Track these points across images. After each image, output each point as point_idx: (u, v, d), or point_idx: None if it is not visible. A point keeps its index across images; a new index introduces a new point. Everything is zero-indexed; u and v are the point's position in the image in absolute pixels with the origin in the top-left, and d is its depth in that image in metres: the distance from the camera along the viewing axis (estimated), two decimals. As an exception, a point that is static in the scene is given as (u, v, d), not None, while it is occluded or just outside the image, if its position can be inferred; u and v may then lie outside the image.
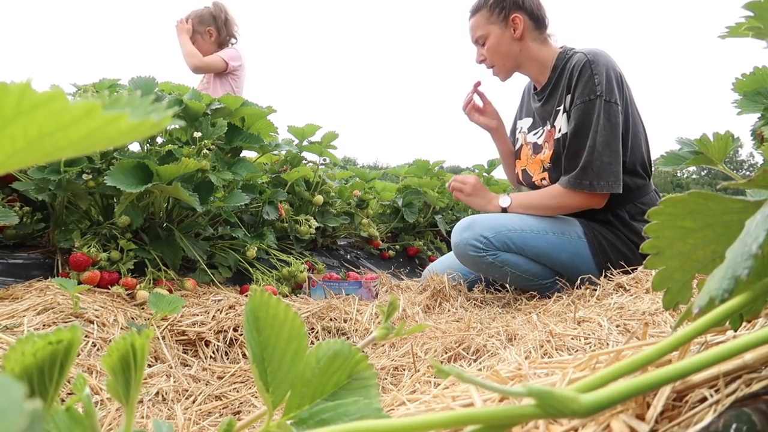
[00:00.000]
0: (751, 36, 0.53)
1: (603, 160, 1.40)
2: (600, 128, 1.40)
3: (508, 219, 1.49)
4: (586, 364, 0.44)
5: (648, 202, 1.51)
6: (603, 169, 1.40)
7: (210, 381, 0.88)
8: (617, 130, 1.41)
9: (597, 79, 1.40)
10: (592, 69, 1.41)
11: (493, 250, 1.46)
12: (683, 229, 0.37)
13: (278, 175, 1.85)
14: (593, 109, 1.41)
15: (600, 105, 1.40)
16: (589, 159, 1.41)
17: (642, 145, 1.51)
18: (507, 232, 1.46)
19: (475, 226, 1.47)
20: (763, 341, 0.28)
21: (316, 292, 1.54)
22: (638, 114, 1.53)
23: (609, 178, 1.40)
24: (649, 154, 1.54)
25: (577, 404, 0.25)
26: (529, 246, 1.47)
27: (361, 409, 0.33)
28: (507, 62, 1.56)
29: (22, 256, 1.28)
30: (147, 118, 0.18)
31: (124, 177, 1.17)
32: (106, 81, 1.49)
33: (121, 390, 0.29)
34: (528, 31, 1.52)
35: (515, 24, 1.51)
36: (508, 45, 1.53)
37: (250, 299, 0.34)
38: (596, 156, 1.40)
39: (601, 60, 1.43)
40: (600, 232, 1.49)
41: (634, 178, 1.50)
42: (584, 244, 1.48)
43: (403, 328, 0.42)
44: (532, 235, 1.47)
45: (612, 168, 1.40)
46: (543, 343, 0.83)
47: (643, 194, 1.52)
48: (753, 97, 0.80)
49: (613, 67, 1.45)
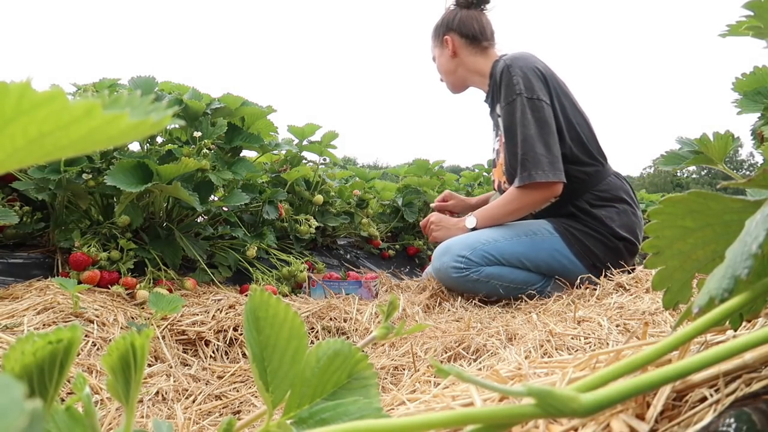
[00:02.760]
0: (751, 35, 0.53)
1: (536, 151, 1.45)
2: (527, 123, 1.46)
3: (481, 234, 1.53)
4: (586, 363, 0.44)
5: (606, 188, 1.55)
6: (538, 160, 1.45)
7: (210, 380, 0.88)
8: (546, 123, 1.47)
9: (515, 80, 1.48)
10: (510, 72, 1.50)
11: (474, 266, 1.49)
12: (683, 228, 0.37)
13: (278, 174, 1.85)
14: (516, 107, 1.48)
15: (522, 102, 1.47)
16: (524, 153, 1.46)
17: (584, 135, 1.55)
18: (483, 246, 1.50)
19: (452, 249, 1.51)
20: (763, 341, 0.28)
21: (316, 291, 1.54)
22: (577, 105, 1.59)
23: (545, 168, 1.45)
24: (596, 142, 1.58)
25: (577, 404, 0.25)
26: (507, 253, 1.50)
27: (361, 409, 0.33)
28: (449, 77, 1.72)
29: (22, 255, 1.28)
30: (147, 118, 0.18)
31: (124, 176, 1.17)
32: (106, 81, 1.49)
33: (121, 389, 0.29)
34: (461, 47, 1.65)
35: (447, 44, 1.66)
36: (447, 63, 1.69)
37: (250, 299, 0.35)
38: (528, 148, 1.46)
39: (518, 62, 1.51)
40: (568, 225, 1.53)
41: (583, 167, 1.54)
42: (557, 238, 1.51)
43: (402, 328, 0.42)
44: (507, 242, 1.51)
45: (547, 158, 1.45)
46: (543, 343, 0.83)
47: (599, 181, 1.55)
48: (753, 96, 0.80)
49: (534, 67, 1.51)
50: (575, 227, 1.52)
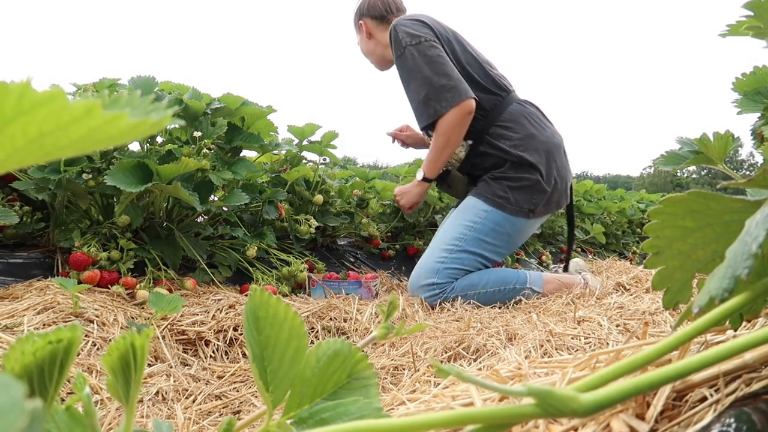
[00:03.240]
0: (750, 35, 0.53)
1: (435, 87, 1.53)
2: (419, 67, 1.55)
3: (431, 252, 1.58)
4: (586, 363, 0.44)
5: (508, 118, 1.63)
6: (438, 93, 1.53)
7: (210, 380, 0.88)
8: (436, 58, 1.54)
9: (400, 35, 1.59)
10: (396, 30, 1.60)
11: (446, 286, 1.52)
12: (683, 228, 0.37)
13: (278, 174, 1.85)
14: (406, 59, 1.58)
15: (410, 51, 1.56)
16: (426, 94, 1.55)
17: (475, 73, 1.63)
18: (441, 263, 1.54)
19: (419, 279, 1.55)
20: (763, 341, 0.28)
21: (316, 291, 1.54)
22: (467, 46, 1.68)
23: (447, 97, 1.52)
24: (490, 77, 1.66)
25: (577, 404, 0.25)
26: (462, 256, 1.55)
27: (361, 409, 0.33)
28: (372, 57, 1.87)
29: (22, 255, 1.28)
30: (147, 118, 0.18)
31: (124, 176, 1.17)
32: (106, 80, 1.49)
33: (121, 389, 0.29)
34: (373, 28, 1.80)
35: (362, 28, 1.82)
36: (366, 45, 1.85)
37: (250, 299, 0.34)
38: (428, 88, 1.54)
39: (403, 20, 1.62)
40: (490, 191, 1.60)
41: (484, 95, 1.62)
42: (492, 211, 1.58)
43: (402, 328, 0.42)
44: (455, 244, 1.56)
45: (447, 86, 1.52)
46: (543, 343, 0.83)
47: (501, 111, 1.64)
48: (753, 96, 0.80)
49: (417, 19, 1.62)
50: (494, 187, 1.60)
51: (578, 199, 3.15)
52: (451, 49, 1.62)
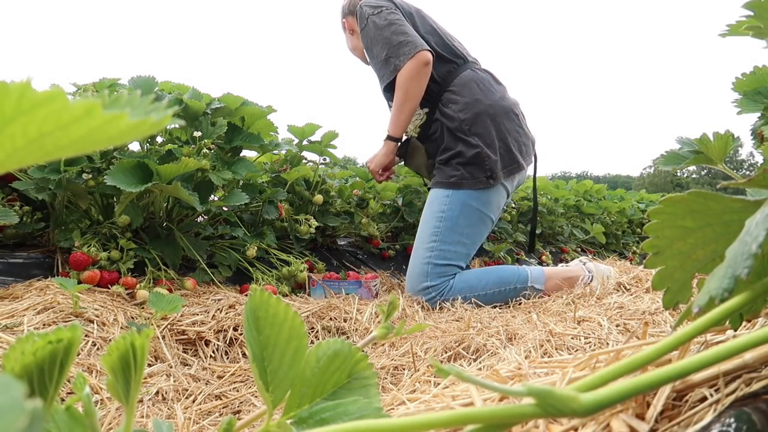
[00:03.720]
0: (750, 35, 0.52)
1: (393, 45, 1.59)
2: (379, 32, 1.62)
3: (416, 254, 1.59)
4: (585, 363, 0.44)
5: (458, 83, 1.67)
6: (396, 50, 1.59)
7: (210, 380, 0.88)
8: (395, 20, 1.61)
9: (363, 11, 1.67)
10: (361, 9, 1.69)
11: (441, 286, 1.52)
12: (683, 228, 0.37)
13: (278, 174, 1.85)
14: (368, 29, 1.66)
15: (371, 20, 1.64)
16: (386, 53, 1.61)
17: (437, 39, 1.69)
18: (427, 263, 1.55)
19: (414, 285, 1.56)
20: (763, 341, 0.28)
21: (316, 291, 1.54)
22: (427, 18, 1.74)
23: (404, 51, 1.57)
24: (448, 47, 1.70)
25: (576, 403, 0.25)
26: (443, 249, 1.56)
27: (361, 409, 0.33)
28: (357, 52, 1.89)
29: (22, 255, 1.28)
30: (147, 118, 0.18)
31: (124, 176, 1.17)
32: (106, 80, 1.49)
33: (121, 389, 0.29)
34: (355, 24, 1.83)
35: (346, 26, 1.87)
36: (351, 41, 1.89)
37: (250, 298, 0.34)
38: (387, 48, 1.60)
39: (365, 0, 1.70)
40: (444, 176, 1.62)
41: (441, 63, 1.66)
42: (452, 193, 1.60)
43: (402, 328, 0.42)
44: (434, 240, 1.58)
45: (403, 42, 1.58)
46: (543, 343, 0.83)
47: (454, 78, 1.68)
48: (753, 96, 0.79)
49: None
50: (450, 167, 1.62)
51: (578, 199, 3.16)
52: (411, 22, 1.68)
